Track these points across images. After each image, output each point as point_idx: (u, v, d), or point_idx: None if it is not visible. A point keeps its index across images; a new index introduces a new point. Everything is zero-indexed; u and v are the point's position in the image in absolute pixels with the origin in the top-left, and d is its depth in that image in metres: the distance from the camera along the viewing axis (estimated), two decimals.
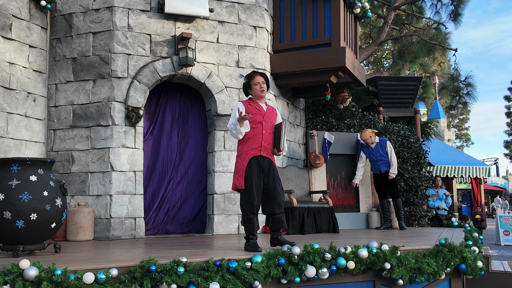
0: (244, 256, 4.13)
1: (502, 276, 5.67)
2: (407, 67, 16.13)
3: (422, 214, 9.15)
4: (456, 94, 13.05)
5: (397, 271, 4.49)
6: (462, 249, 4.84)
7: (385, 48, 22.95)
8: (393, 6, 12.89)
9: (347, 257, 4.38)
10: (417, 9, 14.25)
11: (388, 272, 4.50)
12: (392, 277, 4.51)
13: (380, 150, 7.95)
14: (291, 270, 4.16)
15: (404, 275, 4.52)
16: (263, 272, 4.02)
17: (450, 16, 13.70)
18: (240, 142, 4.74)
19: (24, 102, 6.48)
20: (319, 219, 7.26)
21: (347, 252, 4.42)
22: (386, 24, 12.80)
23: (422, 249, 4.82)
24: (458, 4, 13.52)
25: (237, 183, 4.66)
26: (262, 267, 4.02)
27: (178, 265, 3.78)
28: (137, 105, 6.59)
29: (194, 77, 6.93)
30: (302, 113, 9.02)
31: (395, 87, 12.08)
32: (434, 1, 13.97)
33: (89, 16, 6.76)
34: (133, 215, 6.50)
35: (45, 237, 4.54)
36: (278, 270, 4.12)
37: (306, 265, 4.20)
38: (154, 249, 5.00)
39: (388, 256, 4.49)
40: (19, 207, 4.26)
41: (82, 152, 6.64)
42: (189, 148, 7.28)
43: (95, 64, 6.68)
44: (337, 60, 7.35)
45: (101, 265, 3.73)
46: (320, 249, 4.34)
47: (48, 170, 4.62)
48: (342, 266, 4.32)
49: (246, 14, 7.42)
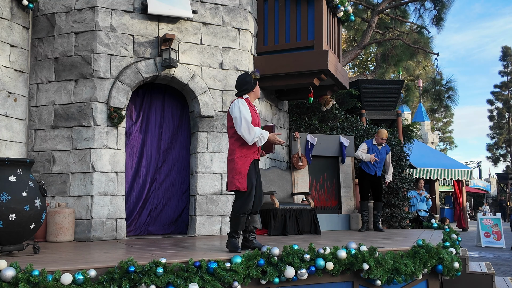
0: (223, 257, 4.15)
1: (479, 277, 5.75)
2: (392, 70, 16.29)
3: (403, 216, 9.26)
4: (438, 98, 13.22)
5: (375, 271, 4.55)
6: (439, 250, 4.92)
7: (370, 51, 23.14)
8: (377, 10, 13.02)
9: (326, 258, 4.43)
10: (401, 13, 14.41)
11: (366, 273, 4.56)
12: (370, 277, 4.57)
13: (384, 154, 8.13)
14: (270, 271, 4.19)
15: (382, 275, 4.58)
16: (242, 273, 4.04)
17: (433, 20, 13.88)
18: (237, 143, 4.70)
19: (5, 102, 6.42)
20: (301, 220, 7.30)
21: (326, 253, 4.47)
22: (370, 28, 12.92)
23: (400, 250, 4.88)
24: (441, 9, 13.71)
25: (239, 185, 4.63)
26: (241, 268, 4.05)
27: (157, 266, 3.78)
28: (119, 105, 6.57)
29: (178, 78, 6.93)
30: (285, 115, 9.07)
31: (377, 90, 12.20)
32: (418, 6, 14.14)
33: (72, 16, 6.73)
34: (115, 216, 6.47)
35: (24, 238, 4.51)
36: (257, 270, 4.15)
37: (285, 265, 4.23)
38: (134, 250, 5.00)
39: (366, 257, 4.55)
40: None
41: (63, 152, 6.60)
42: (172, 149, 7.27)
43: (77, 64, 6.65)
44: (320, 63, 7.41)
45: (80, 266, 3.72)
46: (299, 250, 4.37)
47: (28, 170, 4.60)
48: (321, 267, 4.37)
49: (230, 16, 7.45)
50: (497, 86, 43.25)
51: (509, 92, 42.60)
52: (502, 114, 42.74)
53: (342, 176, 8.73)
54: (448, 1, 13.69)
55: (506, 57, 42.60)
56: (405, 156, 9.60)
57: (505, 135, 42.27)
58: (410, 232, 7.57)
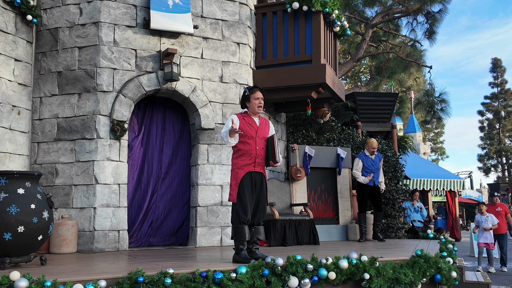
0: (229, 267, 4.23)
1: (476, 287, 5.87)
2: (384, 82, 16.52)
3: (399, 226, 9.37)
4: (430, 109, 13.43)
5: (375, 281, 4.64)
6: (437, 260, 5.02)
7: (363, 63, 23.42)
8: (370, 23, 13.26)
9: (328, 267, 4.52)
10: (394, 27, 14.68)
11: (367, 282, 4.65)
12: (371, 287, 4.66)
13: (377, 163, 8.18)
14: (274, 281, 4.27)
15: (382, 285, 4.67)
16: (247, 283, 4.12)
17: (425, 34, 14.14)
18: (234, 156, 4.85)
19: (9, 115, 6.49)
20: (300, 231, 7.40)
21: (328, 263, 4.56)
22: (364, 41, 13.15)
23: (399, 260, 4.98)
24: (433, 22, 13.97)
25: (230, 196, 4.79)
26: (246, 278, 4.12)
27: (165, 276, 3.86)
28: (122, 118, 6.67)
29: (179, 91, 7.05)
30: (283, 127, 9.20)
31: (373, 102, 12.38)
32: (410, 19, 14.41)
33: (75, 31, 6.84)
34: (117, 227, 6.54)
35: (32, 250, 4.57)
36: (262, 280, 4.23)
37: (289, 275, 4.32)
38: (139, 261, 5.06)
39: (367, 267, 4.64)
40: (7, 220, 4.30)
41: (66, 165, 6.67)
42: (173, 161, 7.36)
43: (80, 78, 6.75)
44: (318, 76, 7.56)
45: (89, 276, 3.78)
46: (302, 260, 4.46)
47: (35, 183, 4.67)
48: (324, 277, 4.45)
49: (230, 31, 7.60)
50: (487, 97, 43.72)
51: (499, 103, 43.07)
52: (492, 125, 43.18)
53: (339, 187, 8.85)
54: (439, 15, 13.97)
55: (496, 68, 43.15)
56: (401, 168, 9.74)
57: (496, 145, 42.63)
58: (407, 242, 7.68)
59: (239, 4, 7.73)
